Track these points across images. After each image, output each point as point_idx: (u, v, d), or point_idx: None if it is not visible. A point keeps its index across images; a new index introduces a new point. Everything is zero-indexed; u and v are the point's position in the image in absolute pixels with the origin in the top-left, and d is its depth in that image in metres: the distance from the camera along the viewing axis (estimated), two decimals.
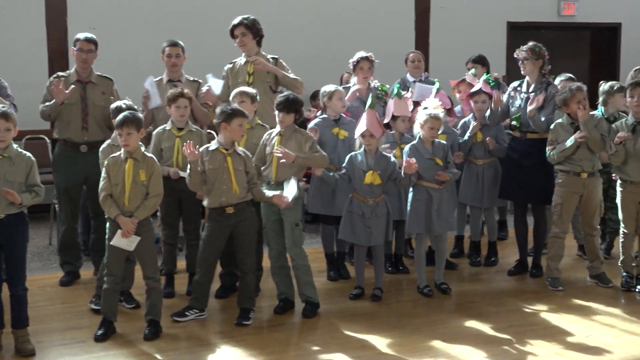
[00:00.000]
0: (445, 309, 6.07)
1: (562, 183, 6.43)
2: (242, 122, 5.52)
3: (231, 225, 5.59)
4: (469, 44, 10.53)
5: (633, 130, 6.23)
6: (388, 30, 10.84)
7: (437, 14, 11.23)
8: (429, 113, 6.22)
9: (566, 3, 12.06)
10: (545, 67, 6.71)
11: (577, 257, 7.40)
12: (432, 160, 6.24)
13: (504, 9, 11.66)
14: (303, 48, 10.07)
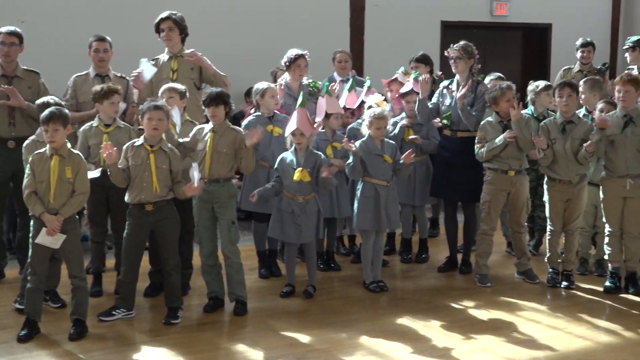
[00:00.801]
0: (376, 306, 6.11)
1: (490, 180, 6.52)
2: (151, 116, 5.43)
3: (151, 223, 5.53)
4: (404, 42, 10.64)
5: (563, 130, 6.34)
6: (323, 27, 10.85)
7: (372, 11, 11.28)
8: (373, 114, 6.25)
9: (498, 3, 12.24)
10: (475, 67, 6.80)
11: (506, 254, 7.52)
12: (381, 157, 6.28)
13: (438, 8, 11.78)
14: (236, 45, 10.01)
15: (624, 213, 6.31)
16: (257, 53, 10.14)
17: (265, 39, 10.32)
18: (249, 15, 10.46)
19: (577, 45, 8.81)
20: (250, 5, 10.49)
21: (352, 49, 11.02)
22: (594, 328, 5.61)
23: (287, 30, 10.51)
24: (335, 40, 10.32)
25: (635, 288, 6.31)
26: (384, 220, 6.30)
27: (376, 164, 6.26)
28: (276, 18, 10.62)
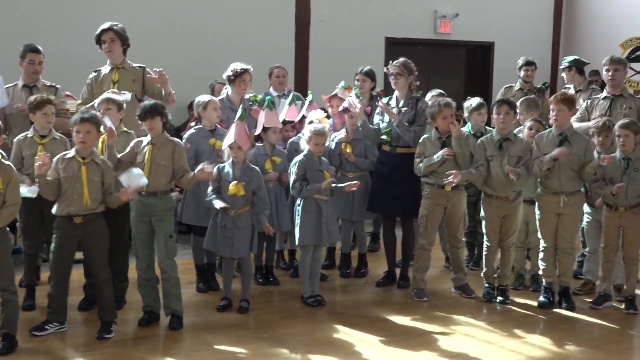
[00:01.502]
0: (313, 320, 6.11)
1: (427, 195, 6.58)
2: (78, 129, 5.37)
3: (79, 235, 5.46)
4: (348, 58, 10.71)
5: (499, 147, 6.43)
6: (268, 42, 10.89)
7: (317, 27, 11.35)
8: (313, 129, 6.28)
9: (442, 21, 12.41)
10: (414, 83, 6.88)
11: (444, 269, 7.59)
12: (321, 173, 6.32)
13: (382, 25, 11.90)
14: (179, 57, 9.99)
15: (557, 229, 6.43)
16: (201, 66, 10.12)
17: (209, 53, 10.30)
18: (193, 28, 10.44)
19: (519, 64, 8.94)
20: (194, 18, 10.48)
21: (296, 64, 11.13)
22: (527, 342, 5.69)
23: (232, 44, 10.52)
24: (279, 55, 10.37)
25: (568, 303, 6.42)
26: (325, 235, 6.32)
27: (317, 179, 6.29)
28: (221, 31, 10.63)
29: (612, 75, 7.18)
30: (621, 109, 7.09)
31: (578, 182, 6.36)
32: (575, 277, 6.89)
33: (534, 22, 13.27)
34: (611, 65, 7.19)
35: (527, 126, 6.64)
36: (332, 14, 11.49)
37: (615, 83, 7.21)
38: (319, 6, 11.33)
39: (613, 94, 7.21)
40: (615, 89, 7.22)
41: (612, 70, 7.18)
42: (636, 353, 5.72)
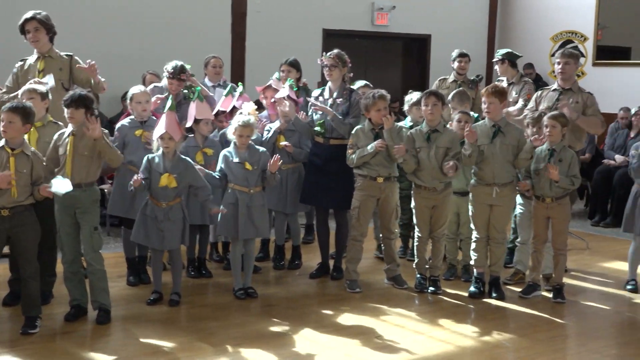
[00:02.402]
0: (245, 313, 6.07)
1: (360, 187, 6.59)
2: (2, 118, 5.24)
3: (7, 229, 5.32)
4: (286, 49, 10.62)
5: (428, 138, 6.47)
6: (205, 32, 10.81)
7: (254, 18, 11.31)
8: (238, 121, 6.23)
9: (379, 13, 12.47)
10: (347, 75, 6.87)
11: (377, 259, 7.62)
12: (241, 164, 6.25)
13: (320, 17, 11.91)
14: (114, 47, 9.84)
15: (490, 220, 6.50)
16: (136, 57, 9.99)
17: (144, 43, 10.17)
18: (128, 18, 10.31)
19: (453, 56, 9.00)
20: (130, 8, 10.34)
21: (233, 55, 11.07)
22: (456, 332, 5.74)
23: (167, 34, 10.42)
24: (216, 46, 10.30)
25: (498, 293, 6.50)
26: (243, 227, 6.26)
27: (237, 170, 6.24)
28: (156, 22, 10.51)
29: (562, 68, 7.24)
30: (568, 102, 7.18)
31: (511, 173, 6.43)
32: (505, 266, 6.98)
33: (470, 15, 13.43)
34: (562, 58, 7.26)
35: (456, 118, 6.69)
36: (268, 5, 11.46)
37: (565, 76, 7.27)
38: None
39: (563, 87, 7.29)
40: (565, 82, 7.28)
41: (562, 63, 7.24)
42: (563, 340, 5.82)
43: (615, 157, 10.02)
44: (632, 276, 6.88)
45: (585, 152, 10.24)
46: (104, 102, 9.77)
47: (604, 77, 12.18)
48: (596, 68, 12.09)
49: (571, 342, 5.80)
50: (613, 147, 10.26)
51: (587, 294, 6.83)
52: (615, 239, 8.92)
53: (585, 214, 10.43)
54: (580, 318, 6.24)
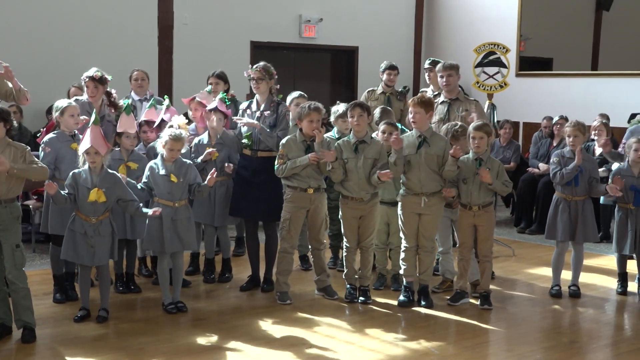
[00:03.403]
0: (176, 327, 6.01)
1: (290, 199, 6.59)
2: None
3: None
4: (213, 61, 10.64)
5: (355, 149, 6.52)
6: (131, 45, 10.72)
7: (181, 30, 11.26)
8: (170, 134, 6.19)
9: (307, 25, 12.54)
10: (274, 87, 6.89)
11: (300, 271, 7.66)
12: (167, 177, 6.20)
13: (247, 29, 11.92)
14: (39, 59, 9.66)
15: (419, 229, 6.58)
16: (62, 70, 9.84)
17: (70, 56, 10.02)
18: (53, 31, 10.18)
19: (382, 68, 9.08)
20: (55, 20, 10.18)
21: (160, 68, 10.99)
22: (386, 341, 5.79)
23: (93, 47, 10.30)
24: (143, 58, 10.24)
25: (427, 301, 6.58)
26: (169, 241, 6.21)
27: (162, 183, 6.20)
28: (82, 34, 10.38)
29: (446, 81, 7.40)
30: (458, 111, 7.34)
31: (438, 183, 6.53)
32: (434, 275, 7.07)
33: (397, 27, 13.62)
34: (444, 71, 7.42)
35: (381, 129, 6.77)
36: (196, 18, 11.42)
37: (450, 88, 7.44)
38: (181, 10, 11.22)
39: (449, 98, 7.45)
40: (450, 94, 7.45)
41: (445, 76, 7.41)
42: (490, 346, 5.92)
43: (539, 166, 10.26)
44: (556, 281, 7.05)
45: (510, 161, 10.46)
46: (29, 116, 9.60)
47: (527, 87, 12.50)
48: (519, 79, 12.39)
49: (498, 348, 5.91)
50: (537, 156, 10.50)
51: (513, 300, 6.97)
52: (540, 246, 9.13)
53: (511, 221, 10.64)
54: (507, 324, 6.35)
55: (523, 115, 12.29)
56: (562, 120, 10.09)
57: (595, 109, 10.63)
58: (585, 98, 11.83)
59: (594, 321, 6.48)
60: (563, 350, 5.71)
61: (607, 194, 6.91)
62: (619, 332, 6.40)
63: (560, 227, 6.91)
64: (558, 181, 6.96)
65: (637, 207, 6.84)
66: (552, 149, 10.04)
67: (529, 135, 11.51)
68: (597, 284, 7.44)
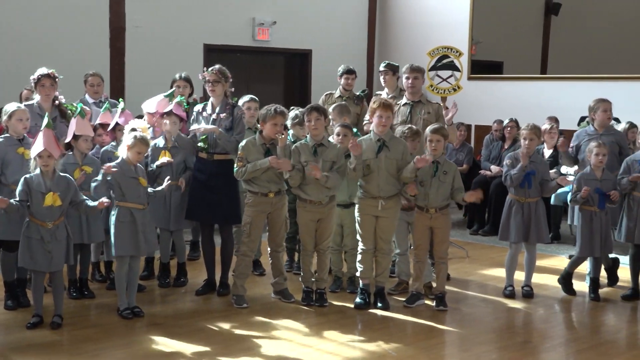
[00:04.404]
0: (130, 333, 5.96)
1: (251, 203, 6.57)
2: None
3: None
4: (166, 64, 10.59)
5: (314, 153, 6.50)
6: (82, 47, 10.60)
7: (133, 33, 11.16)
8: (137, 137, 6.13)
9: (260, 28, 12.53)
10: (229, 90, 6.88)
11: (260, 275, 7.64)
12: (136, 180, 6.15)
13: (201, 32, 11.87)
14: None
15: (376, 231, 6.61)
16: (12, 72, 9.68)
17: (20, 59, 9.86)
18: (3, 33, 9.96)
19: (340, 72, 9.04)
20: (4, 22, 9.99)
21: (112, 70, 10.88)
22: (344, 343, 5.81)
23: (43, 49, 10.14)
24: (95, 61, 10.12)
25: (383, 303, 6.62)
26: (143, 244, 6.17)
27: (132, 187, 6.14)
28: (32, 37, 10.21)
29: (412, 83, 7.45)
30: (421, 114, 7.39)
31: (396, 186, 6.57)
32: (389, 277, 7.12)
33: (350, 31, 13.67)
34: (411, 73, 7.47)
35: (336, 132, 6.79)
36: (148, 20, 11.33)
37: (415, 90, 7.48)
38: (133, 12, 11.12)
39: (412, 100, 7.50)
40: (414, 96, 7.50)
41: (412, 78, 7.45)
42: (446, 347, 5.99)
43: (491, 168, 10.39)
44: (509, 282, 7.14)
45: (463, 164, 10.58)
46: None
47: (479, 90, 12.65)
48: (471, 82, 12.52)
49: (454, 349, 5.97)
50: (489, 159, 10.63)
51: (468, 301, 7.05)
52: (492, 247, 9.24)
53: (464, 223, 10.76)
54: (462, 324, 6.42)
55: (475, 118, 12.43)
56: (513, 123, 10.25)
57: (545, 112, 10.82)
58: (535, 101, 12.02)
59: (547, 321, 6.59)
60: (517, 350, 5.79)
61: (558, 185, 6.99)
62: (570, 331, 6.51)
63: (514, 229, 7.01)
64: (509, 184, 7.06)
65: (602, 210, 6.96)
66: (503, 152, 10.17)
67: (480, 137, 11.64)
68: (548, 284, 7.55)
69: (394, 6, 14.04)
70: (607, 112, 7.55)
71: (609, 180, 7.02)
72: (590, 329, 6.46)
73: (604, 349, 5.86)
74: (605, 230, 7.02)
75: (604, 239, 7.01)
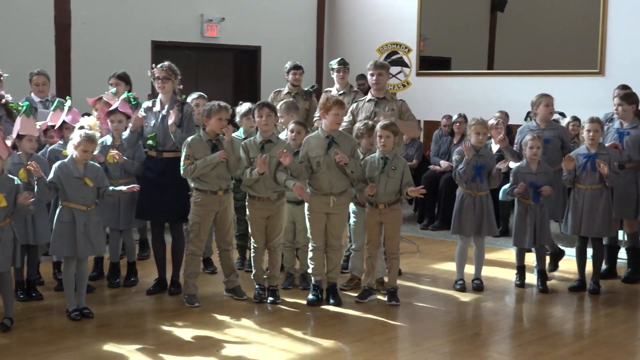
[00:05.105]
0: (80, 334, 5.87)
1: (199, 202, 6.52)
2: None
3: None
4: (113, 61, 10.44)
5: (262, 148, 6.51)
6: (27, 44, 10.41)
7: (79, 30, 11.00)
8: (84, 135, 6.03)
9: (209, 25, 12.45)
10: (177, 87, 6.83)
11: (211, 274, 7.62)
12: (81, 180, 6.05)
13: (148, 28, 11.76)
14: None
15: (327, 228, 6.62)
16: None
17: None
18: None
19: (287, 68, 9.05)
20: None
21: (58, 68, 10.72)
22: (297, 340, 5.81)
23: None
24: (40, 58, 9.97)
25: (336, 299, 6.63)
26: (82, 246, 6.07)
27: (75, 187, 6.05)
28: None
29: (376, 79, 7.49)
30: (385, 110, 7.42)
31: (346, 182, 6.59)
32: (341, 273, 7.14)
33: (299, 27, 13.67)
34: (375, 69, 7.51)
35: (290, 128, 6.78)
36: (94, 17, 11.18)
37: (379, 87, 7.53)
38: (79, 8, 10.96)
39: (377, 96, 7.53)
40: (379, 92, 7.54)
41: (376, 75, 7.49)
42: (399, 341, 6.03)
43: (441, 163, 10.47)
44: (460, 276, 7.22)
45: (412, 159, 10.65)
46: None
47: (427, 86, 12.75)
48: (420, 78, 12.62)
49: (406, 343, 6.01)
50: (438, 154, 10.72)
51: (419, 295, 7.10)
52: (443, 241, 9.33)
53: (414, 218, 10.83)
54: (414, 319, 6.48)
55: (424, 114, 12.49)
56: (461, 119, 10.35)
57: (493, 107, 10.94)
58: (482, 96, 12.15)
59: (496, 313, 6.69)
60: (468, 343, 5.86)
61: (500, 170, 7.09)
62: (519, 323, 6.61)
63: (466, 222, 7.08)
64: (458, 180, 7.13)
65: (536, 203, 7.07)
66: (452, 147, 10.26)
67: (430, 133, 11.74)
68: (497, 277, 7.66)
69: (343, 2, 14.07)
70: (549, 106, 7.67)
71: (545, 174, 7.15)
72: (539, 321, 6.56)
73: (552, 340, 5.96)
74: (540, 223, 7.13)
75: (539, 230, 7.12)
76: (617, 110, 7.39)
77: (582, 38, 11.80)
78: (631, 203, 7.40)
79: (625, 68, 10.88)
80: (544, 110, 7.66)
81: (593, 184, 7.03)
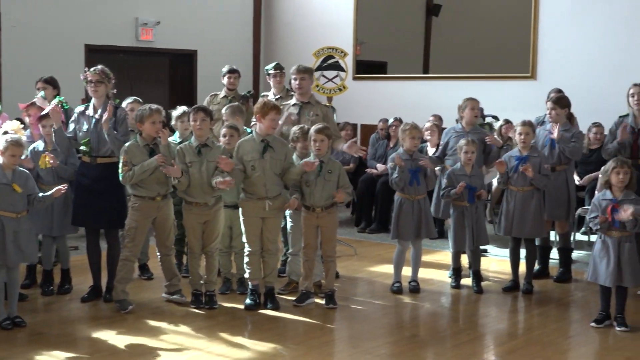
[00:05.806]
0: (14, 343, 5.74)
1: (137, 208, 6.45)
2: None
3: None
4: (45, 65, 10.27)
5: (199, 153, 6.47)
6: None
7: (9, 33, 10.80)
8: (9, 140, 5.92)
9: (144, 29, 12.33)
10: (111, 91, 6.74)
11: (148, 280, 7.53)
12: (9, 187, 5.92)
13: (81, 32, 11.60)
14: None
15: (263, 232, 6.60)
16: None
17: None
18: None
19: (223, 72, 9.01)
20: None
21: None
22: (234, 345, 5.79)
23: None
24: None
25: (273, 303, 6.62)
26: (12, 254, 5.94)
27: (3, 193, 5.92)
28: None
29: (299, 84, 7.47)
30: (309, 115, 7.44)
31: (281, 186, 6.59)
32: (279, 277, 7.13)
33: (235, 32, 13.64)
34: (298, 74, 7.49)
35: (222, 133, 6.76)
36: (25, 19, 10.97)
37: (302, 91, 7.52)
38: (9, 11, 10.73)
39: (302, 101, 7.54)
40: (303, 97, 7.53)
41: (299, 79, 7.47)
42: (336, 344, 6.05)
43: (377, 166, 10.55)
44: (397, 278, 7.28)
45: (349, 163, 10.71)
46: None
47: (364, 90, 12.83)
48: (356, 82, 12.69)
49: (344, 345, 6.03)
50: (375, 157, 10.80)
51: (357, 298, 7.14)
52: (380, 244, 9.39)
53: (351, 221, 10.89)
54: (351, 321, 6.50)
55: (360, 118, 12.60)
56: (397, 122, 10.43)
57: (428, 110, 11.06)
58: (418, 100, 12.28)
59: (433, 315, 6.77)
60: (406, 344, 5.91)
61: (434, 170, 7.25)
62: (455, 323, 6.68)
63: (406, 227, 7.13)
64: (395, 187, 7.18)
65: (472, 204, 7.18)
66: (389, 150, 10.36)
67: (366, 136, 11.81)
68: (434, 278, 7.75)
69: (279, 6, 14.08)
70: (475, 110, 7.83)
71: (478, 176, 7.29)
72: (474, 321, 6.66)
73: (488, 339, 6.06)
74: (477, 224, 7.26)
75: (476, 232, 7.24)
76: (550, 113, 7.54)
77: (515, 43, 12.03)
78: (562, 204, 7.57)
79: (556, 72, 11.14)
80: (470, 113, 7.80)
81: (524, 185, 7.17)
